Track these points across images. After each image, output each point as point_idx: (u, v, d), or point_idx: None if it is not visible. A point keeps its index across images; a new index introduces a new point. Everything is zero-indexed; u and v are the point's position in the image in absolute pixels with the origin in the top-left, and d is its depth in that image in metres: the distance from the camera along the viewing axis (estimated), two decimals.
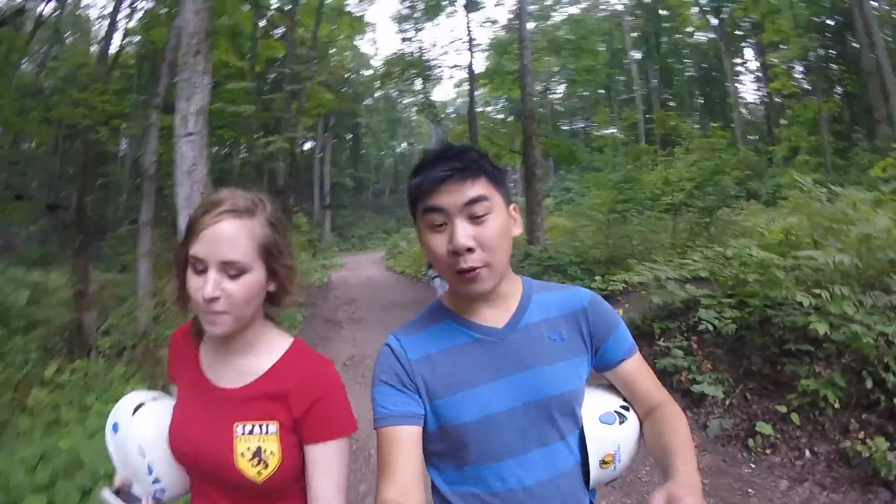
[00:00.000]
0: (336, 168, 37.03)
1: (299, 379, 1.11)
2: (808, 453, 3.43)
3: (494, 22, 16.81)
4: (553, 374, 1.10)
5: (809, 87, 19.10)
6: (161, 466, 1.13)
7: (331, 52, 23.84)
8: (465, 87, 16.53)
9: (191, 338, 1.20)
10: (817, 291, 3.58)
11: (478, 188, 1.03)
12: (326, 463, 1.09)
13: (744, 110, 28.80)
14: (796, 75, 20.61)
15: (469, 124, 14.86)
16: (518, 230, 1.12)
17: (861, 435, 3.25)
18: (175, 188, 5.34)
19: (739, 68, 26.75)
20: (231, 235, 1.03)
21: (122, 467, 1.17)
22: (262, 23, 16.75)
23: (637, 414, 1.19)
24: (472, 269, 1.02)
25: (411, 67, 16.50)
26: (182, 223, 5.21)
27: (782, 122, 20.88)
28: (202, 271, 1.03)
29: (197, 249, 1.03)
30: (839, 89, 19.71)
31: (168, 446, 1.13)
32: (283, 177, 13.60)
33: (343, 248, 30.96)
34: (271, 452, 1.07)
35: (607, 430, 1.14)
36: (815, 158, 16.53)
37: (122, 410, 1.19)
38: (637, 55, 31.11)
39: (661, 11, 28.23)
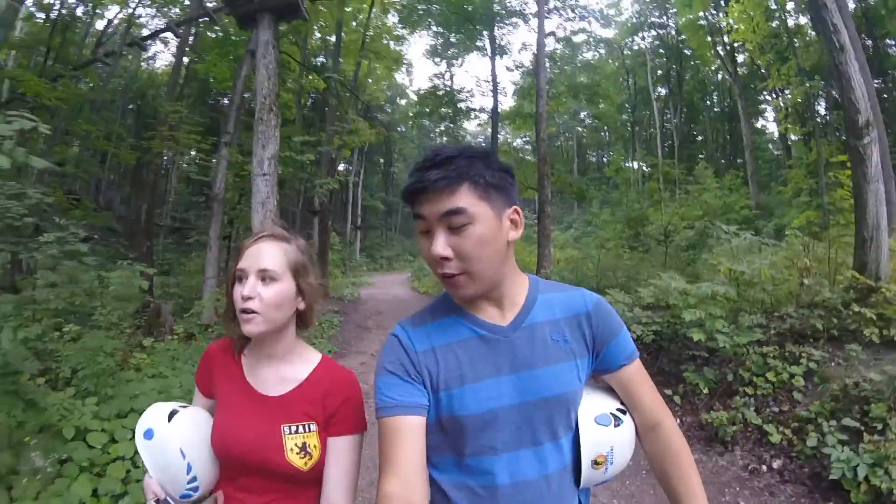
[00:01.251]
0: (368, 191, 38.93)
1: (331, 384, 1.34)
2: (678, 422, 4.94)
3: (520, 66, 18.72)
4: (553, 375, 1.12)
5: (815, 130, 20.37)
6: (199, 466, 1.29)
7: (369, 80, 25.96)
8: (491, 124, 18.26)
9: (232, 352, 1.40)
10: (700, 312, 5.14)
11: (456, 199, 1.03)
12: (342, 454, 1.29)
13: (771, 146, 30.09)
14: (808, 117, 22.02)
15: None
16: (516, 234, 1.12)
17: (718, 412, 4.76)
18: (252, 214, 7.23)
19: (764, 105, 28.01)
20: (267, 251, 1.30)
21: (157, 470, 1.29)
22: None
23: (633, 419, 1.23)
24: (451, 275, 1.06)
25: (441, 106, 18.50)
26: None
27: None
28: (242, 279, 1.29)
29: (241, 264, 1.29)
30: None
31: (209, 447, 1.31)
32: (321, 201, 15.53)
33: (371, 268, 32.78)
34: (314, 446, 1.28)
35: (602, 432, 1.17)
36: (816, 199, 17.82)
37: (155, 418, 1.34)
38: (662, 91, 32.80)
39: (684, 51, 29.81)
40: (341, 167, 34.78)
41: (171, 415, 1.33)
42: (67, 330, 5.10)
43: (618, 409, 1.22)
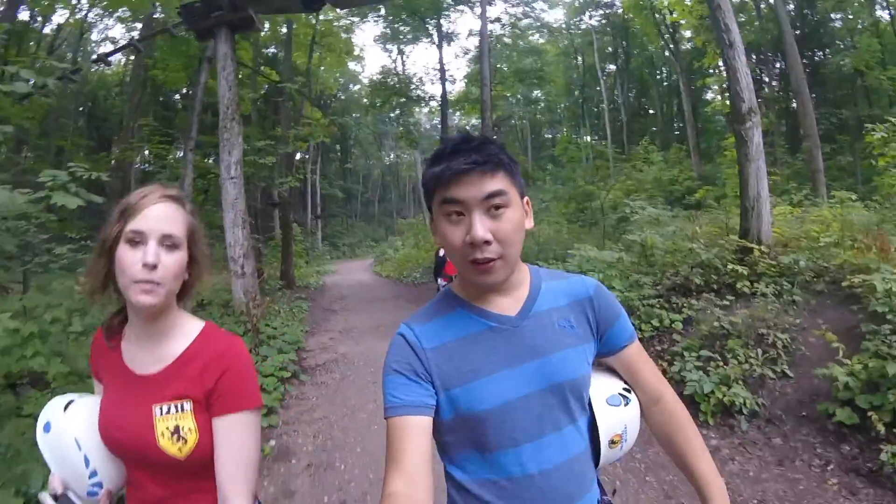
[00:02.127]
0: (326, 180, 39.38)
1: (209, 355, 1.21)
2: None
3: (467, 52, 19.62)
4: (566, 360, 1.15)
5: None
6: (97, 458, 1.20)
7: (321, 69, 26.45)
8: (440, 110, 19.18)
9: (107, 337, 1.28)
10: (600, 274, 6.27)
11: (497, 182, 1.06)
12: (228, 435, 1.16)
13: (721, 117, 31.78)
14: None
15: None
16: (530, 223, 1.16)
17: None
18: (222, 214, 8.05)
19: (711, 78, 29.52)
20: (170, 214, 1.19)
21: (57, 466, 1.21)
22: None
23: (638, 397, 1.28)
24: (488, 260, 1.06)
25: (393, 96, 19.33)
26: (230, 238, 7.90)
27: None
28: (138, 243, 1.14)
29: (138, 225, 1.14)
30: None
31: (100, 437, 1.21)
32: (280, 193, 16.25)
33: (334, 256, 33.42)
34: (189, 429, 1.16)
35: (615, 412, 1.23)
36: None
37: (52, 410, 1.25)
38: (612, 68, 34.12)
39: (631, 29, 31.08)
40: (298, 155, 35.39)
41: (67, 405, 1.26)
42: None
43: (623, 389, 1.27)
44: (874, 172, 11.40)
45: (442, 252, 7.68)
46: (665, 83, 35.14)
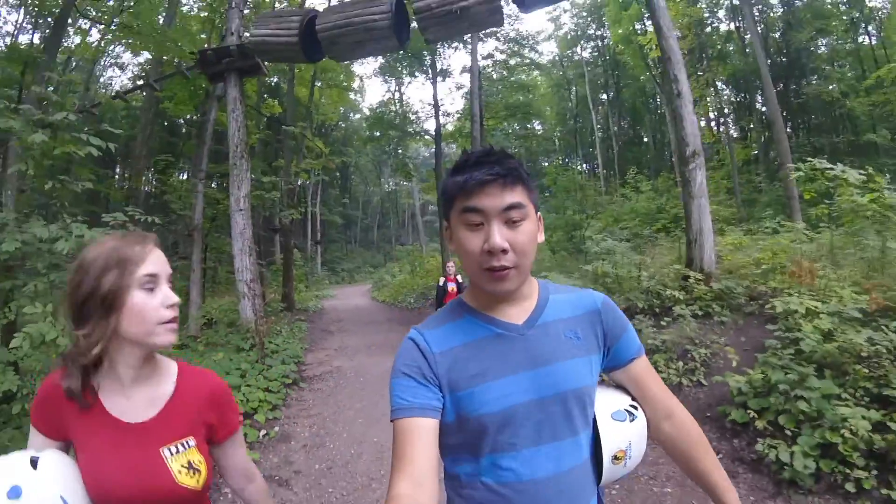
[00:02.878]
0: (326, 206, 40.49)
1: (203, 394, 1.34)
2: None
3: (461, 87, 20.82)
4: (570, 370, 1.17)
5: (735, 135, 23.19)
6: None
7: (323, 100, 27.68)
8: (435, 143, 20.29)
9: (76, 392, 1.21)
10: None
11: (516, 195, 1.12)
12: (236, 448, 1.45)
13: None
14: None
15: (436, 179, 18.69)
16: (542, 237, 1.21)
17: None
18: (233, 243, 9.03)
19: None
20: (162, 255, 1.28)
21: None
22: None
23: (645, 412, 1.30)
24: (503, 268, 1.11)
25: (390, 130, 20.52)
26: (238, 264, 8.85)
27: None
28: (153, 288, 1.22)
29: (152, 269, 1.22)
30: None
31: (87, 493, 1.17)
32: (279, 219, 17.28)
33: (333, 280, 34.42)
34: (199, 461, 1.28)
35: (620, 427, 1.24)
36: (732, 197, 20.45)
37: (15, 470, 1.13)
38: (606, 97, 35.48)
39: (621, 61, 32.48)
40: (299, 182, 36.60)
41: (34, 462, 1.16)
42: None
43: (630, 405, 1.28)
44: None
45: (442, 281, 8.43)
46: (659, 111, 36.62)
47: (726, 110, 24.12)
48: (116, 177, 24.94)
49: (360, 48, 9.46)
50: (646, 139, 36.38)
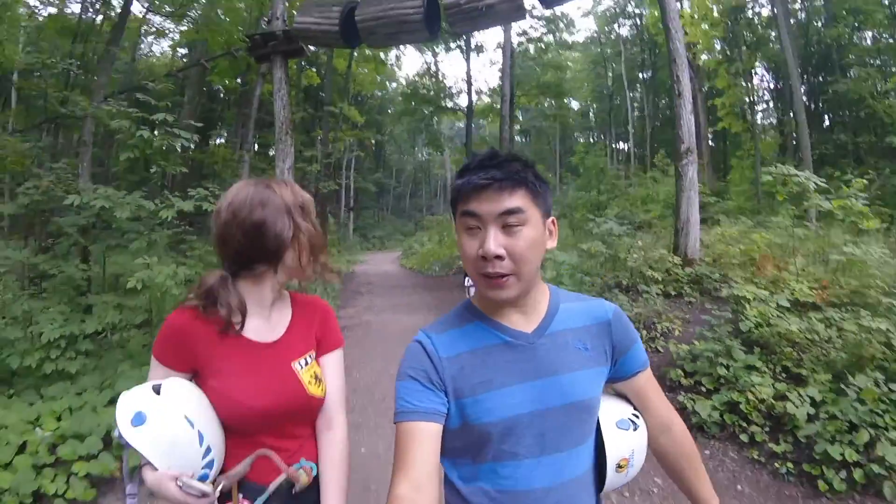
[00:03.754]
0: (360, 174, 41.65)
1: (310, 312, 1.58)
2: None
3: (493, 64, 21.64)
4: (577, 381, 1.19)
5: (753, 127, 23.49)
6: (210, 434, 1.27)
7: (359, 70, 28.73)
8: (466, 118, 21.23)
9: (204, 319, 1.38)
10: (552, 272, 8.24)
11: (515, 200, 1.11)
12: (334, 368, 1.56)
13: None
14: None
15: (466, 155, 19.73)
16: (553, 243, 1.22)
17: None
18: None
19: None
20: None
21: (163, 456, 1.19)
22: None
23: (647, 423, 1.33)
24: (500, 275, 1.11)
25: (424, 104, 21.55)
26: None
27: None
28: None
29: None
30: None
31: (209, 411, 1.31)
32: (314, 179, 18.59)
33: (364, 247, 35.55)
34: (321, 372, 1.51)
35: (624, 436, 1.27)
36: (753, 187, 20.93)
37: (139, 400, 1.23)
38: (642, 76, 35.69)
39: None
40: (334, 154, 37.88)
41: (156, 389, 1.26)
42: None
43: (633, 414, 1.32)
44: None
45: None
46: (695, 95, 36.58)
47: (756, 98, 24.27)
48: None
49: (394, 38, 10.51)
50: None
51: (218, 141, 26.39)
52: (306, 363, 1.47)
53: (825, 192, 6.90)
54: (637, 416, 1.33)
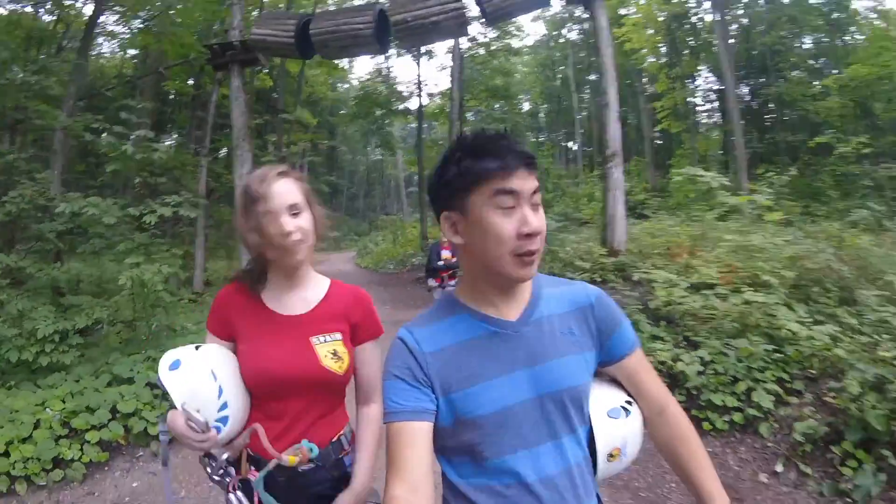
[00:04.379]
0: (312, 175, 42.08)
1: (351, 298, 1.68)
2: None
3: (444, 68, 22.58)
4: (566, 367, 1.19)
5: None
6: (230, 390, 1.47)
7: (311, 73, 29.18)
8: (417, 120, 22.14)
9: (246, 292, 1.64)
10: None
11: (535, 179, 1.14)
12: (371, 356, 1.68)
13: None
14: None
15: (417, 154, 20.70)
16: None
17: None
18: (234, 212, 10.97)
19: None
20: (288, 187, 1.58)
21: (189, 398, 1.42)
22: None
23: (640, 407, 1.31)
24: (534, 252, 1.12)
25: (375, 107, 22.38)
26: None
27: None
28: (277, 216, 1.53)
29: (269, 205, 1.52)
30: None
31: (238, 380, 1.53)
32: None
33: (318, 247, 36.01)
34: (343, 352, 1.59)
35: (615, 425, 1.26)
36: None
37: (180, 351, 1.53)
38: (591, 78, 37.23)
39: None
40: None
41: (197, 347, 1.55)
42: None
43: (626, 402, 1.30)
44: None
45: (435, 244, 8.23)
46: (644, 94, 38.47)
47: (701, 99, 25.98)
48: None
49: (346, 51, 11.37)
50: (630, 121, 38.25)
51: (167, 142, 26.55)
52: (326, 340, 1.58)
53: (733, 190, 8.05)
54: (630, 403, 1.31)
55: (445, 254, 7.86)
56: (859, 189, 13.78)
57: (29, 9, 16.32)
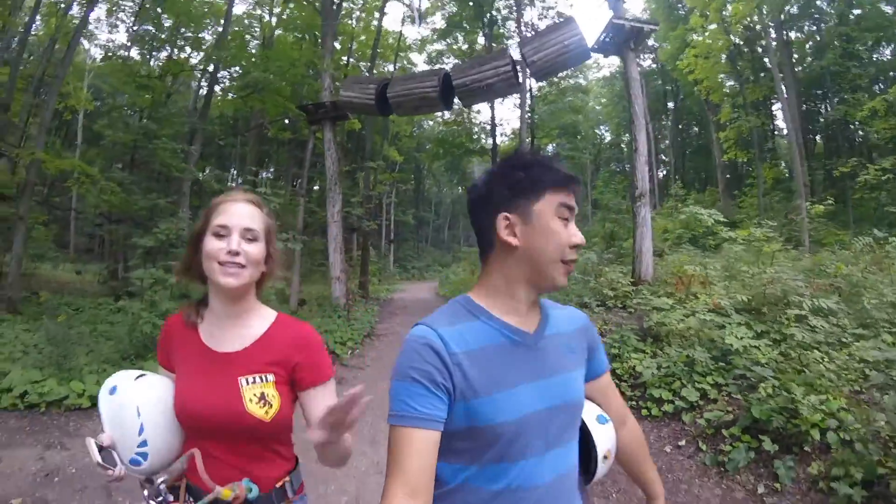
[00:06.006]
0: (399, 207, 44.54)
1: (292, 336, 1.57)
2: None
3: (518, 106, 24.83)
4: (573, 381, 1.32)
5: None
6: (151, 430, 1.44)
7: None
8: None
9: (188, 321, 1.59)
10: None
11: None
12: (320, 400, 1.53)
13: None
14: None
15: None
16: None
17: None
18: (328, 247, 13.65)
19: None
20: (249, 212, 1.53)
21: (111, 428, 1.46)
22: None
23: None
24: (574, 262, 1.25)
25: (453, 148, 25.03)
26: (332, 258, 13.42)
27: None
28: (224, 236, 1.48)
29: (223, 220, 1.49)
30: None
31: (168, 418, 1.49)
32: (357, 220, 21.98)
33: (404, 277, 38.60)
34: (273, 395, 1.49)
35: (605, 430, 1.43)
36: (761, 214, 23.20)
37: (122, 377, 1.53)
38: (671, 105, 38.25)
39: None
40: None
41: (139, 377, 1.52)
42: None
43: (601, 412, 1.47)
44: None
45: None
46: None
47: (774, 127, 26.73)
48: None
49: (418, 109, 13.86)
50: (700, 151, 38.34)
51: (263, 175, 30.41)
52: (255, 381, 1.49)
53: (731, 225, 9.55)
54: (604, 412, 1.48)
55: None
56: (887, 216, 14.43)
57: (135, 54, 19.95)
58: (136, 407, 1.45)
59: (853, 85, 23.48)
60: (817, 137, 28.49)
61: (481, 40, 22.86)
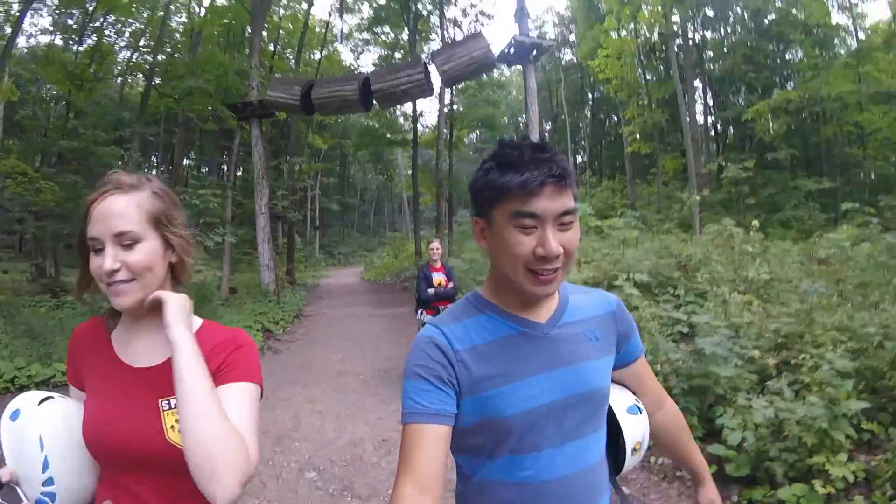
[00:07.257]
0: (324, 195, 45.21)
1: (218, 340, 1.26)
2: None
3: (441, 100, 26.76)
4: (592, 370, 1.25)
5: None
6: (58, 465, 1.17)
7: None
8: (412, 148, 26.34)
9: (101, 328, 1.31)
10: None
11: (569, 198, 1.12)
12: (238, 399, 1.17)
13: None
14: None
15: (412, 181, 25.04)
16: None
17: None
18: (257, 235, 15.21)
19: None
20: (119, 209, 1.16)
21: (12, 461, 1.17)
22: None
23: (644, 403, 1.45)
24: (552, 270, 1.12)
25: (373, 141, 26.89)
26: (261, 249, 15.05)
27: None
28: (100, 250, 1.16)
29: (91, 231, 1.16)
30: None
31: (77, 448, 1.19)
32: (283, 210, 23.43)
33: (329, 263, 39.97)
34: None
35: (635, 421, 1.38)
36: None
37: (26, 400, 1.23)
38: (592, 95, 41.21)
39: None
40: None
41: (43, 400, 1.24)
42: None
43: (636, 400, 1.43)
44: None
45: (424, 265, 7.33)
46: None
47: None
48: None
49: (340, 110, 15.69)
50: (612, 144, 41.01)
51: (185, 161, 31.17)
52: (176, 405, 1.16)
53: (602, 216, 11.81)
54: (639, 401, 1.43)
55: (437, 277, 6.98)
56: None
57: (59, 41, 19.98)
58: (39, 437, 1.18)
59: (749, 87, 26.76)
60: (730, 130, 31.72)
61: (405, 35, 24.52)
